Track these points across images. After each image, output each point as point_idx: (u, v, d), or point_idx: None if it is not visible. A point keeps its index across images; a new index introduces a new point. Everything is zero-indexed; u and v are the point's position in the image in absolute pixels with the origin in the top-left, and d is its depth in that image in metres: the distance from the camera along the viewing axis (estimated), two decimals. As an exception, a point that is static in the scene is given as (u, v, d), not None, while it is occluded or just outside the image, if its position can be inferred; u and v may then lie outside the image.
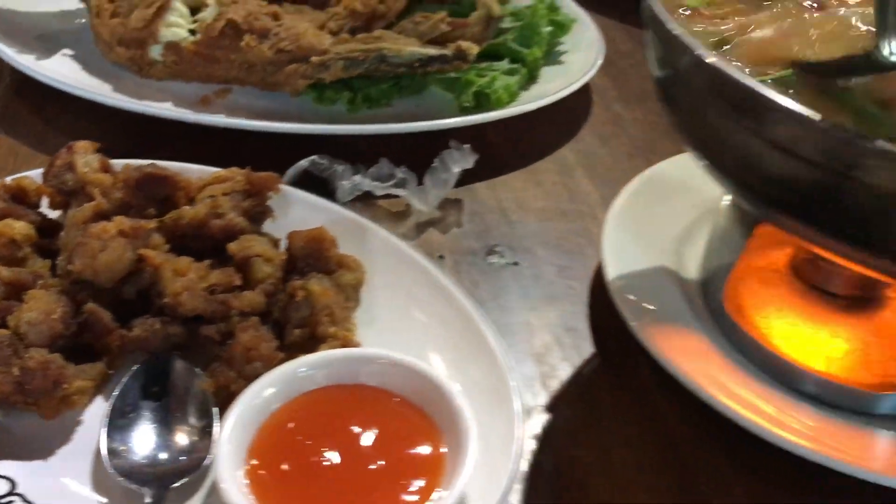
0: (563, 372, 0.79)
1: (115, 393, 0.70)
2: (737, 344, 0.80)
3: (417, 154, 0.98)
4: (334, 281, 0.79)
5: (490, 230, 0.96)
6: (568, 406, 0.77)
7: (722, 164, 0.65)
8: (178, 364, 0.72)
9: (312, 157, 0.96)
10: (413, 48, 1.04)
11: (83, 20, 1.15)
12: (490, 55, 1.15)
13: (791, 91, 0.61)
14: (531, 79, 1.15)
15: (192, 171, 0.87)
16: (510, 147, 1.09)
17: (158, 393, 0.71)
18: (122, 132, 1.03)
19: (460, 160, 0.97)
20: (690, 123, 0.67)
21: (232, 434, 0.64)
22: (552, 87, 1.13)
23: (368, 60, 1.02)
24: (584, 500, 0.69)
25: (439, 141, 0.99)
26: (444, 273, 0.81)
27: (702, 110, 0.64)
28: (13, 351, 0.68)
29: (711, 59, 0.59)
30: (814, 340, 0.79)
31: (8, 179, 0.84)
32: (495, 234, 0.95)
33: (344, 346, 0.74)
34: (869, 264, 0.64)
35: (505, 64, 1.13)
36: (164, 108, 1.02)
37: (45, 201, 0.84)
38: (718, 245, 0.83)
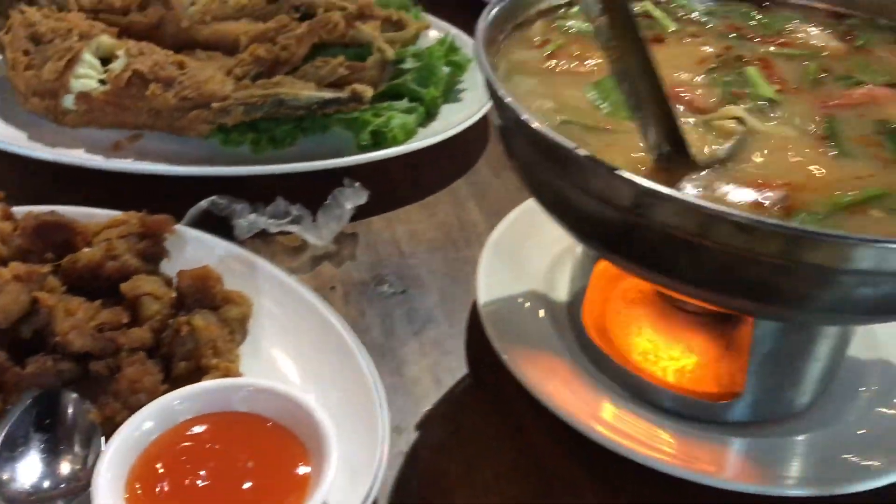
0: (436, 393, 0.86)
1: (7, 426, 0.75)
2: (598, 363, 0.87)
3: (315, 191, 1.05)
4: (220, 315, 0.85)
5: (382, 261, 1.02)
6: (438, 424, 0.83)
7: (547, 204, 0.72)
8: (68, 398, 0.78)
9: (212, 198, 1.02)
10: (310, 92, 1.10)
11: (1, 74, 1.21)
12: (392, 95, 1.22)
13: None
14: (430, 116, 1.22)
15: (100, 215, 0.93)
16: (408, 181, 1.16)
17: (49, 425, 0.76)
18: (40, 178, 1.09)
19: (353, 197, 1.04)
20: (518, 168, 0.74)
21: (111, 462, 0.69)
22: (449, 123, 1.20)
23: (267, 105, 1.09)
24: (446, 509, 0.75)
25: (338, 178, 1.06)
26: (327, 305, 0.87)
27: (521, 158, 0.71)
28: None
29: (508, 98, 0.66)
30: (669, 357, 0.86)
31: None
32: (387, 265, 1.02)
33: (225, 376, 0.79)
34: (684, 292, 0.71)
35: (404, 103, 1.20)
36: (75, 156, 1.08)
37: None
38: (579, 271, 0.90)
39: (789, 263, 0.58)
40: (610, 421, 0.80)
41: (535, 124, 0.63)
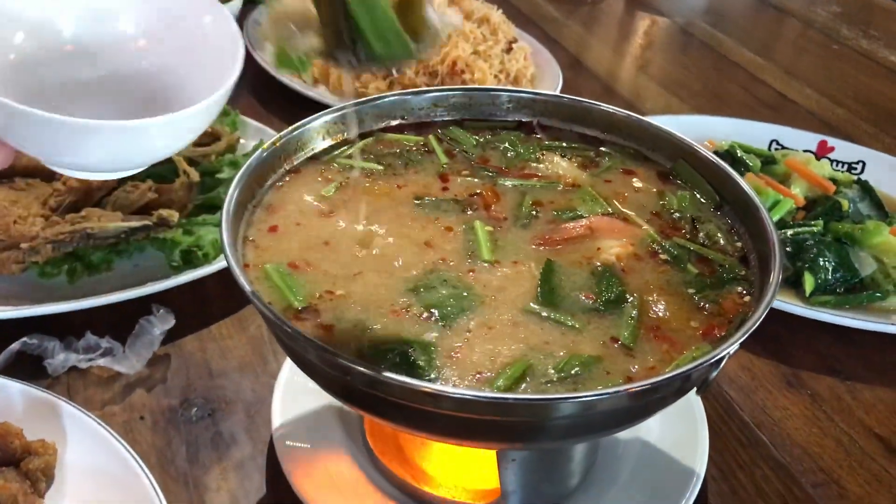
0: (235, 519, 0.93)
1: None
2: (384, 474, 0.95)
3: (125, 318, 1.11)
4: (22, 468, 0.90)
5: (192, 384, 1.08)
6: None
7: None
8: None
9: (23, 339, 1.06)
10: (117, 223, 1.16)
11: None
12: (208, 207, 1.28)
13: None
14: (245, 226, 1.29)
15: None
16: (223, 296, 1.22)
17: None
18: None
19: (160, 323, 1.10)
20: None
21: None
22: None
23: (75, 240, 1.14)
24: None
25: (149, 302, 1.12)
26: (127, 447, 0.92)
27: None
28: None
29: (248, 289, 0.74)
30: (441, 465, 0.94)
31: None
32: (196, 388, 1.08)
33: (26, 535, 0.85)
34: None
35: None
36: None
37: None
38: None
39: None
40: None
41: (261, 306, 0.71)
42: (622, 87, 1.95)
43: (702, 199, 0.95)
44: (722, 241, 0.90)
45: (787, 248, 1.32)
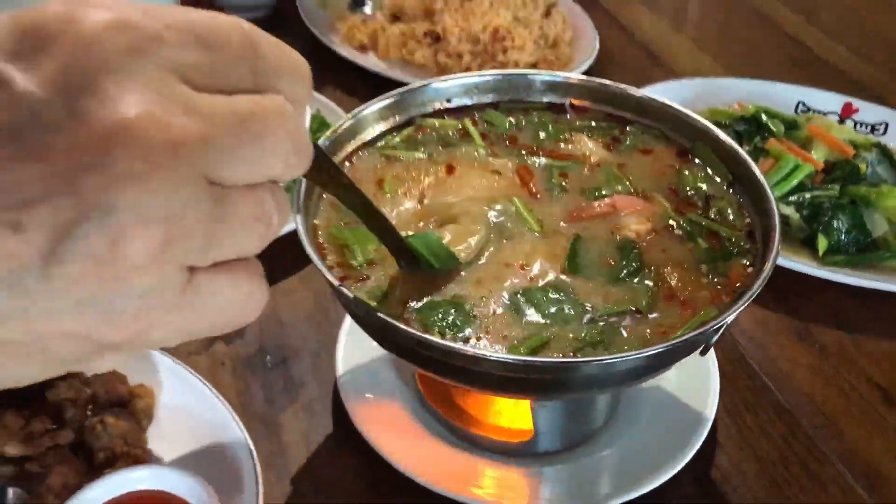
0: (306, 452, 1.08)
1: (-35, 522, 0.97)
2: (434, 415, 1.10)
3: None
4: (128, 409, 1.07)
5: (265, 335, 1.24)
6: (306, 479, 1.06)
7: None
8: (12, 493, 1.00)
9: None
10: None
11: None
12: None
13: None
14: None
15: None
16: (290, 256, 1.36)
17: (-2, 516, 0.98)
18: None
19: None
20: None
21: (47, 544, 0.92)
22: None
23: None
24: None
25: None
26: (211, 389, 1.08)
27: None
28: None
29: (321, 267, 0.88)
30: (486, 409, 1.09)
31: None
32: (269, 339, 1.23)
33: (136, 462, 1.01)
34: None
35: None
36: None
37: None
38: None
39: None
40: (440, 466, 1.04)
41: (329, 277, 0.85)
42: (657, 46, 2.03)
43: (716, 178, 1.06)
44: (731, 218, 1.01)
45: (804, 211, 1.42)
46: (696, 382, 1.14)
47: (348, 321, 1.19)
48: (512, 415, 1.08)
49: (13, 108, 0.41)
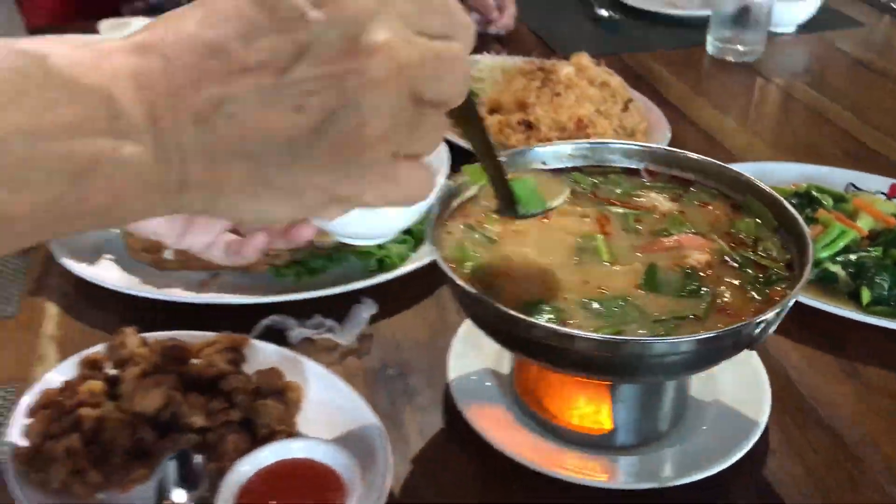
0: (422, 441, 1.33)
1: (160, 475, 1.23)
2: (529, 414, 1.33)
3: (341, 306, 1.54)
4: (283, 398, 1.33)
5: (388, 354, 1.50)
6: (424, 462, 1.29)
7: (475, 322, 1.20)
8: (194, 457, 1.26)
9: (272, 317, 1.51)
10: (334, 239, 1.60)
11: (117, 231, 1.72)
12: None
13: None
14: (418, 243, 1.71)
15: (197, 336, 1.42)
16: (406, 294, 1.64)
17: (184, 475, 1.24)
18: (151, 312, 1.58)
19: (367, 309, 1.53)
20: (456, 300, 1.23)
21: (225, 493, 1.17)
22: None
23: (303, 251, 1.59)
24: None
25: (357, 296, 1.55)
26: (351, 388, 1.34)
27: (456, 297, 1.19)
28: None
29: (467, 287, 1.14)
30: (572, 406, 1.32)
31: (85, 353, 1.39)
32: (389, 357, 1.49)
33: (289, 436, 1.27)
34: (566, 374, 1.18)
35: (400, 236, 1.69)
36: (175, 294, 1.58)
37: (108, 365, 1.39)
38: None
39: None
40: (536, 453, 1.26)
41: (458, 282, 1.12)
42: (719, 136, 2.29)
43: (763, 226, 1.31)
44: (775, 254, 1.25)
45: (850, 270, 1.63)
46: (751, 397, 1.35)
47: (455, 344, 1.44)
48: (594, 416, 1.30)
49: (305, 29, 0.59)
